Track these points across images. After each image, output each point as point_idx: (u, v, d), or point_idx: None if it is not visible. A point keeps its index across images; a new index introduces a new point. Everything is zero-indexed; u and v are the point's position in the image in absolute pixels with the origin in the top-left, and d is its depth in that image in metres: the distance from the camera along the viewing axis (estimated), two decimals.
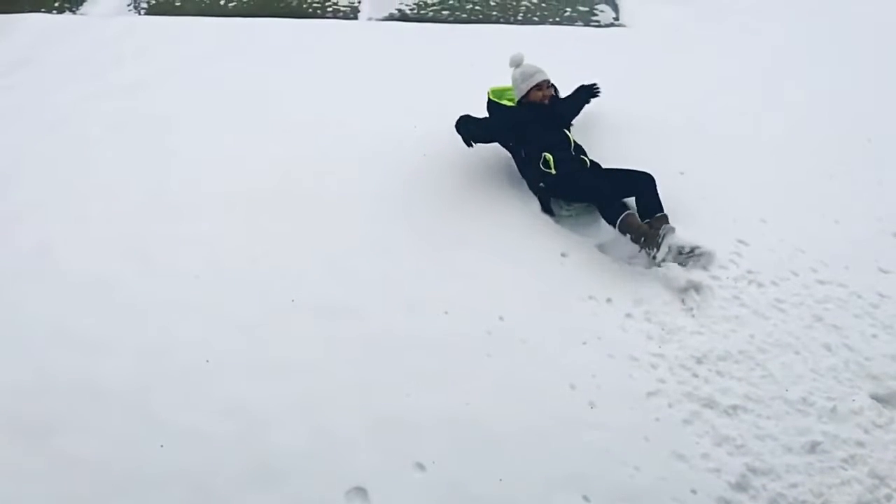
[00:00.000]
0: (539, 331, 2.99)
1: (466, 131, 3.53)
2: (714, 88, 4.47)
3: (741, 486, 2.54)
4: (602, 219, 3.45)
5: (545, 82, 3.74)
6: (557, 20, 5.32)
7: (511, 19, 5.30)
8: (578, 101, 3.90)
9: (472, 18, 5.31)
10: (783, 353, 2.96)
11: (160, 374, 2.81)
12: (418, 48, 4.82)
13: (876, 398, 2.84)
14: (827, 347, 2.99)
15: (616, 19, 5.35)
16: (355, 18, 5.28)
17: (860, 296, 3.19)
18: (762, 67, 4.70)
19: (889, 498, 2.56)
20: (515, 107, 3.78)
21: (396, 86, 4.38)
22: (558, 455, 2.60)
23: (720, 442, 2.66)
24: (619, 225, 3.30)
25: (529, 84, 3.71)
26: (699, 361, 2.91)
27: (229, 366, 2.84)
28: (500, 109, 3.75)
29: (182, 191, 3.63)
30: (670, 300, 3.14)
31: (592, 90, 3.94)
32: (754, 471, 2.58)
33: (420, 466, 2.56)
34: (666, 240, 3.18)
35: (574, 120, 3.86)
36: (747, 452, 2.63)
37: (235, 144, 3.93)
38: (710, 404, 2.76)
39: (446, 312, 3.04)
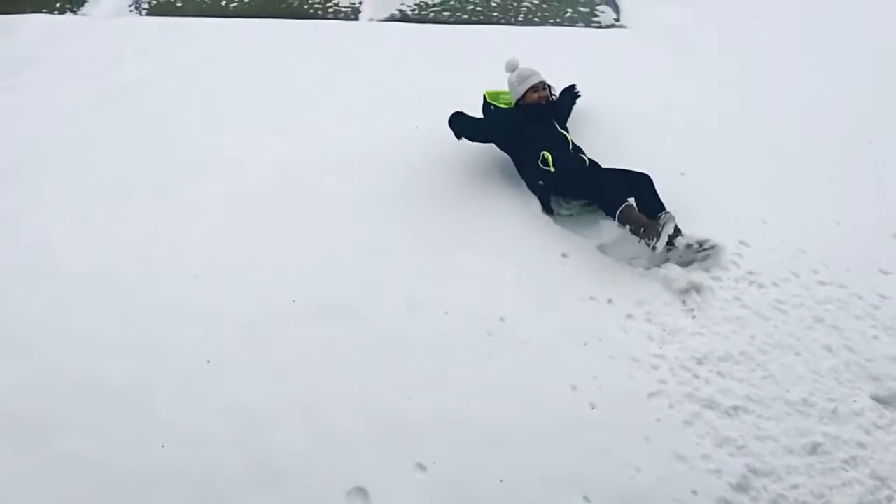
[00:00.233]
0: (540, 332, 2.99)
1: (459, 126, 3.58)
2: (714, 89, 4.48)
3: (742, 487, 2.54)
4: (602, 220, 3.46)
5: (541, 84, 3.81)
6: (558, 21, 5.32)
7: (512, 20, 5.31)
8: (567, 104, 3.99)
9: (473, 19, 5.31)
10: (784, 355, 2.95)
11: (161, 375, 2.81)
12: (419, 49, 4.82)
13: (877, 399, 2.84)
14: (828, 349, 2.99)
15: (617, 20, 5.35)
16: (356, 19, 5.28)
17: (861, 297, 3.19)
18: (763, 68, 4.70)
19: (890, 499, 2.55)
20: (512, 108, 3.84)
21: (397, 86, 4.38)
22: (559, 456, 2.60)
23: (721, 443, 2.65)
24: (619, 216, 3.28)
25: (526, 86, 3.80)
26: (700, 362, 2.91)
27: (230, 366, 2.84)
28: (496, 111, 3.82)
29: (183, 191, 3.63)
30: (671, 301, 3.14)
31: (574, 93, 4.03)
32: (755, 472, 2.58)
33: (421, 467, 2.56)
34: (665, 228, 3.12)
35: (568, 122, 3.90)
36: (748, 453, 2.63)
37: (236, 145, 3.94)
38: (711, 405, 2.76)
39: (447, 313, 3.04)
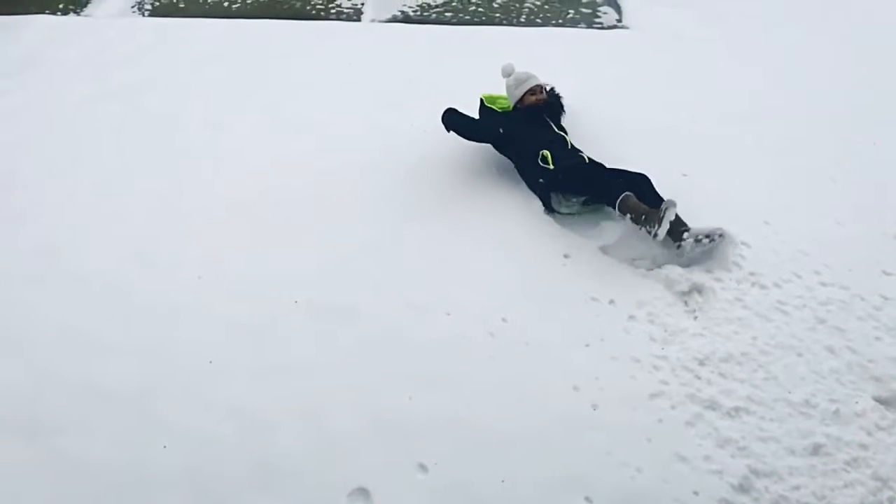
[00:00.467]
0: (542, 332, 2.99)
1: (452, 121, 3.62)
2: (716, 90, 4.47)
3: (743, 488, 2.54)
4: (604, 220, 3.46)
5: (538, 87, 3.88)
6: (560, 22, 5.33)
7: (514, 21, 5.31)
8: (558, 107, 4.01)
9: (475, 20, 5.32)
10: (786, 356, 2.95)
11: (163, 375, 2.81)
12: (421, 50, 4.83)
13: (879, 400, 2.83)
14: (830, 350, 2.98)
15: (619, 21, 5.35)
16: (358, 20, 5.30)
17: (863, 298, 3.18)
18: (764, 69, 4.70)
19: (892, 500, 2.54)
20: (510, 111, 3.91)
21: (399, 87, 4.39)
22: (561, 456, 2.60)
23: (722, 444, 2.65)
24: (619, 205, 3.29)
25: (523, 89, 3.87)
26: (702, 363, 2.91)
27: (232, 367, 2.85)
28: (494, 113, 3.90)
29: (185, 192, 3.64)
30: (673, 302, 3.14)
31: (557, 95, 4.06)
32: (756, 473, 2.57)
33: (422, 467, 2.56)
34: (667, 214, 3.13)
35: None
36: (750, 454, 2.63)
37: (238, 145, 3.95)
38: (713, 406, 2.76)
39: (448, 314, 3.04)
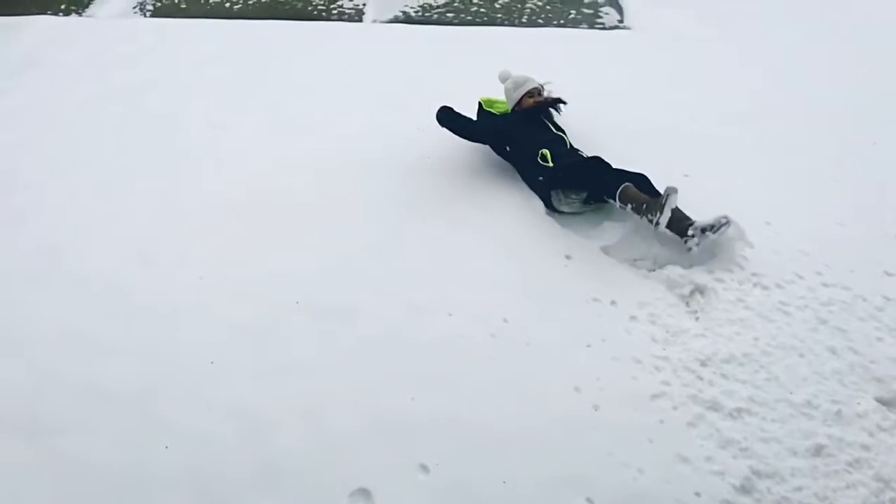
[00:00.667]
0: (543, 333, 2.99)
1: (446, 118, 3.66)
2: (718, 91, 4.48)
3: (745, 489, 2.53)
4: (605, 221, 3.47)
5: (536, 89, 3.91)
6: (562, 22, 5.33)
7: (516, 21, 5.32)
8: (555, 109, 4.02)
9: (477, 21, 5.32)
10: (788, 356, 2.95)
11: (164, 376, 2.81)
12: (423, 50, 4.83)
13: (881, 401, 2.82)
14: (832, 350, 2.98)
15: (620, 22, 5.36)
16: (360, 21, 5.30)
17: (865, 299, 3.18)
18: (765, 69, 4.70)
19: (894, 502, 2.54)
20: (509, 113, 3.92)
21: (400, 87, 4.39)
22: (562, 457, 2.59)
23: (724, 445, 2.65)
24: (620, 195, 3.30)
25: (521, 92, 3.90)
26: (703, 364, 2.90)
27: (233, 367, 2.84)
28: (492, 115, 3.92)
29: (186, 192, 3.64)
30: (675, 303, 3.14)
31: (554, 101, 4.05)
32: (758, 474, 2.57)
33: (424, 468, 2.55)
34: (669, 202, 3.13)
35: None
36: (751, 455, 2.62)
37: (239, 145, 3.96)
38: (715, 407, 2.75)
39: (450, 314, 3.04)
